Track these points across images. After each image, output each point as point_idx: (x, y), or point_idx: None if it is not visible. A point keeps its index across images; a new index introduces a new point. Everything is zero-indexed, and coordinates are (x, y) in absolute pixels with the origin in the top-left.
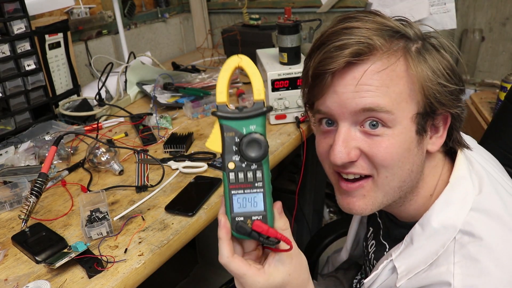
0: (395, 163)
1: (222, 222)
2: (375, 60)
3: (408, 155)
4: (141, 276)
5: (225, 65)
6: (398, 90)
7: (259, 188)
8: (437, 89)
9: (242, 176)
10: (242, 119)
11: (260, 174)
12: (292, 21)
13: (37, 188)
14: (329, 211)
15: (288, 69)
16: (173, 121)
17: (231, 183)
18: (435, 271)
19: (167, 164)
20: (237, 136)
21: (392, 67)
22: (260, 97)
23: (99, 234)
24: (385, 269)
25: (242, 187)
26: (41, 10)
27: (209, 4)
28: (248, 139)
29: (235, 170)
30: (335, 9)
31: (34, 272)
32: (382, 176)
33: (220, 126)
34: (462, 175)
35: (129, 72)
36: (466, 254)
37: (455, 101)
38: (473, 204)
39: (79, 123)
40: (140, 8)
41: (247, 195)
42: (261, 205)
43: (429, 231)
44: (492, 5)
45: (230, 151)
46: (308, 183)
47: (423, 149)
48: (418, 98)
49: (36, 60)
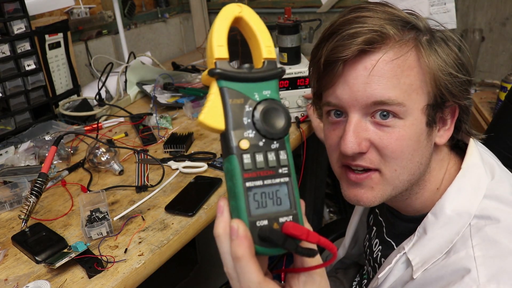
0: (405, 156)
1: (241, 231)
2: (387, 49)
3: (418, 147)
4: (141, 276)
5: (222, 12)
6: (409, 81)
7: (283, 176)
8: (448, 79)
9: (262, 159)
10: (254, 81)
11: (284, 156)
12: (292, 21)
13: (37, 188)
14: (329, 211)
15: (288, 69)
16: (173, 121)
17: (246, 170)
18: (453, 258)
19: (167, 164)
20: (248, 104)
21: (404, 57)
22: (272, 55)
23: (99, 234)
24: (398, 262)
25: (262, 176)
26: (41, 10)
27: (209, 4)
28: (266, 106)
29: (251, 150)
30: (335, 9)
31: (34, 272)
32: (391, 170)
33: (220, 91)
34: (474, 162)
35: (129, 72)
36: (484, 236)
37: (464, 93)
38: (487, 191)
39: (79, 123)
40: (140, 8)
41: (268, 188)
42: (287, 200)
43: (443, 219)
44: (492, 5)
45: (240, 125)
46: (308, 183)
47: (431, 142)
48: (429, 89)
49: (36, 60)
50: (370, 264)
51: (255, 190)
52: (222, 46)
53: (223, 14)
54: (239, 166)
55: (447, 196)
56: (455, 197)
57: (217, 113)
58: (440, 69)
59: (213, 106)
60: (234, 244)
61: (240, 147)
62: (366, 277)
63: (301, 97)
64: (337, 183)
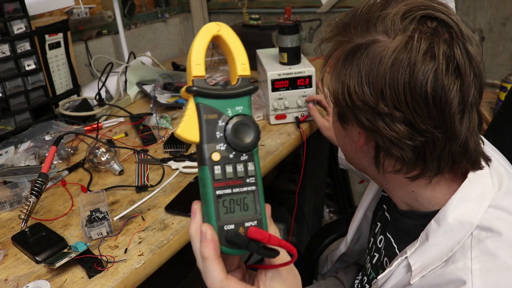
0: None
1: (208, 234)
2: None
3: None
4: (141, 276)
5: (201, 32)
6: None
7: (250, 185)
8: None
9: (231, 170)
10: (227, 98)
11: (252, 167)
12: (292, 21)
13: (37, 188)
14: (329, 211)
15: (288, 69)
16: (173, 121)
17: (216, 179)
18: (451, 267)
19: (167, 164)
20: (221, 119)
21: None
22: (246, 72)
23: (99, 234)
24: (400, 266)
25: (231, 185)
26: (41, 10)
27: (209, 4)
28: (237, 122)
29: (221, 162)
30: (335, 9)
31: (34, 272)
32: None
33: (196, 106)
34: (482, 171)
35: (129, 72)
36: (484, 249)
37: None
38: (492, 201)
39: (79, 123)
40: (140, 8)
41: (236, 195)
42: (253, 207)
43: (445, 227)
44: (492, 5)
45: (212, 139)
46: (308, 183)
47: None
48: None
49: (36, 60)
50: (372, 261)
51: (224, 197)
52: (199, 65)
53: (203, 32)
54: (210, 176)
55: (450, 204)
56: (458, 206)
57: (193, 127)
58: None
59: (189, 120)
60: (202, 245)
61: (212, 159)
62: (367, 273)
63: (301, 97)
64: (337, 183)
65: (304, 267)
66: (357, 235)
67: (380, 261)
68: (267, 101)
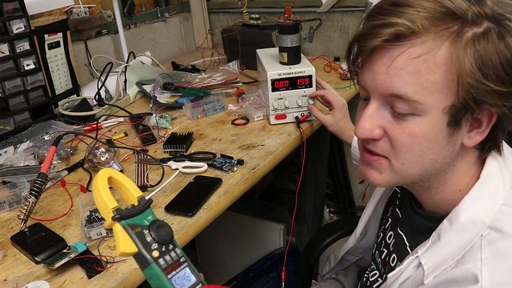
0: (415, 152)
1: None
2: (415, 44)
3: (432, 146)
4: (141, 276)
5: (98, 178)
6: (433, 79)
7: (184, 263)
8: (478, 86)
9: (169, 258)
10: (140, 213)
11: (179, 251)
12: (292, 21)
13: (36, 188)
14: (329, 211)
15: (288, 69)
16: (173, 121)
17: (164, 268)
18: (461, 268)
19: (167, 164)
20: (144, 228)
21: (432, 53)
22: (140, 193)
23: (99, 234)
24: (410, 265)
25: (174, 267)
26: (41, 9)
27: (209, 4)
28: (156, 225)
29: (161, 255)
30: (335, 9)
31: (34, 273)
32: (399, 162)
33: (124, 228)
34: (493, 171)
35: (129, 72)
36: (494, 250)
37: (500, 101)
38: (504, 200)
39: (79, 123)
40: (140, 8)
41: (180, 273)
42: (193, 275)
43: (457, 226)
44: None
45: (147, 243)
46: (308, 183)
47: (455, 142)
48: (457, 89)
49: (35, 59)
50: (381, 256)
51: (174, 277)
52: (111, 199)
53: (100, 177)
54: (160, 268)
55: (463, 204)
56: (470, 205)
57: (129, 243)
58: (470, 74)
59: (124, 239)
60: None
61: (153, 256)
62: (378, 268)
63: (301, 97)
64: (337, 183)
65: (303, 267)
66: (365, 230)
67: (388, 258)
68: (267, 101)
